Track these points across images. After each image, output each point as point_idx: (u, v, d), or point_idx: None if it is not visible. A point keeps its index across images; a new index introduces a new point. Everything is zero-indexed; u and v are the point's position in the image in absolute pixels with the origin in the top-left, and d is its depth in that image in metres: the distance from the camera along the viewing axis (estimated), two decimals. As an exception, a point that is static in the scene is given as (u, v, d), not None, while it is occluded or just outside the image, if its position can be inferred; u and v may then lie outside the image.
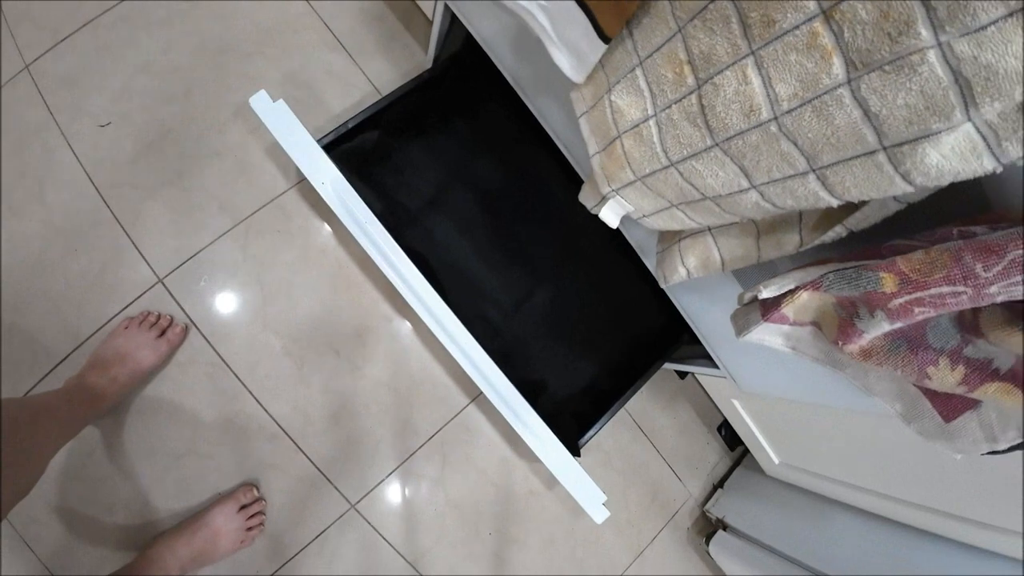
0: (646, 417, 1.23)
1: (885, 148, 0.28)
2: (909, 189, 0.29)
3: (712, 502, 1.24)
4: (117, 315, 0.93)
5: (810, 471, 0.97)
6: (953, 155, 0.26)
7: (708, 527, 1.22)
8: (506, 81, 0.79)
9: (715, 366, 0.89)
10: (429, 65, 1.02)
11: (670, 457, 1.24)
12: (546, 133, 0.80)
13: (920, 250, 0.30)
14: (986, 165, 0.25)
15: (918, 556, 0.81)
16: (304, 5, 1.10)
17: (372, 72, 1.11)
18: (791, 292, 0.37)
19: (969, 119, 0.24)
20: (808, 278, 0.36)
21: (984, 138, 0.25)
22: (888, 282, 0.31)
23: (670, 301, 0.84)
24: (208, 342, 0.96)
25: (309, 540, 0.99)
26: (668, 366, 1.08)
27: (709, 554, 1.18)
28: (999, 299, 0.27)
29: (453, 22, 0.90)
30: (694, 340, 0.92)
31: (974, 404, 0.40)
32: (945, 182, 0.27)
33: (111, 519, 0.92)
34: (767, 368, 0.73)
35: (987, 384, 0.34)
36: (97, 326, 0.93)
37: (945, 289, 0.29)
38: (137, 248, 0.95)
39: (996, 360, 0.34)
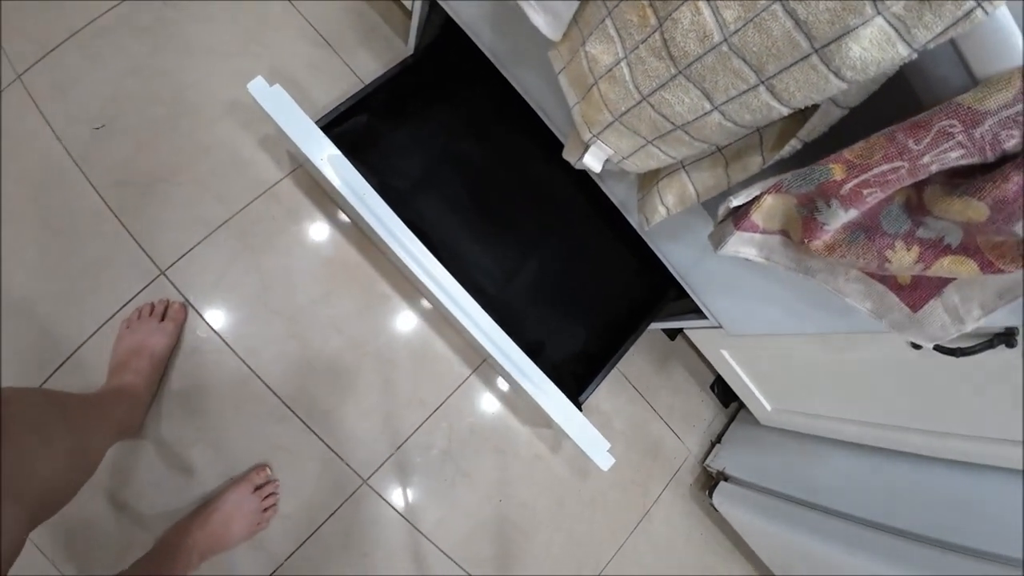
0: (641, 379, 1.28)
1: (817, 51, 0.33)
2: (843, 85, 0.33)
3: (711, 457, 1.29)
4: (124, 307, 0.96)
5: (801, 412, 1.02)
6: (872, 46, 0.30)
7: (709, 481, 1.27)
8: (484, 63, 0.84)
9: (703, 317, 0.94)
10: (411, 52, 1.06)
11: (667, 416, 1.29)
12: (525, 110, 0.85)
13: (861, 140, 0.35)
14: (901, 52, 0.30)
15: (908, 477, 0.86)
16: (285, 4, 1.13)
17: (355, 65, 1.15)
18: (757, 198, 0.42)
19: (879, 12, 0.29)
20: (770, 184, 0.41)
21: (895, 28, 0.30)
22: (837, 171, 0.36)
23: (654, 264, 0.89)
24: (213, 329, 0.99)
25: (324, 519, 1.02)
26: (657, 326, 1.12)
27: (713, 506, 1.23)
28: (933, 168, 0.32)
29: (432, 10, 0.94)
30: (680, 296, 0.97)
31: (937, 292, 0.44)
32: (871, 73, 0.32)
33: (125, 511, 0.94)
34: (750, 306, 0.78)
35: (941, 259, 0.38)
36: (104, 319, 0.96)
37: (885, 167, 0.33)
38: (138, 243, 0.98)
39: (947, 237, 0.38)
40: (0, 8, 1.01)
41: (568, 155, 0.66)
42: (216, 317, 1.00)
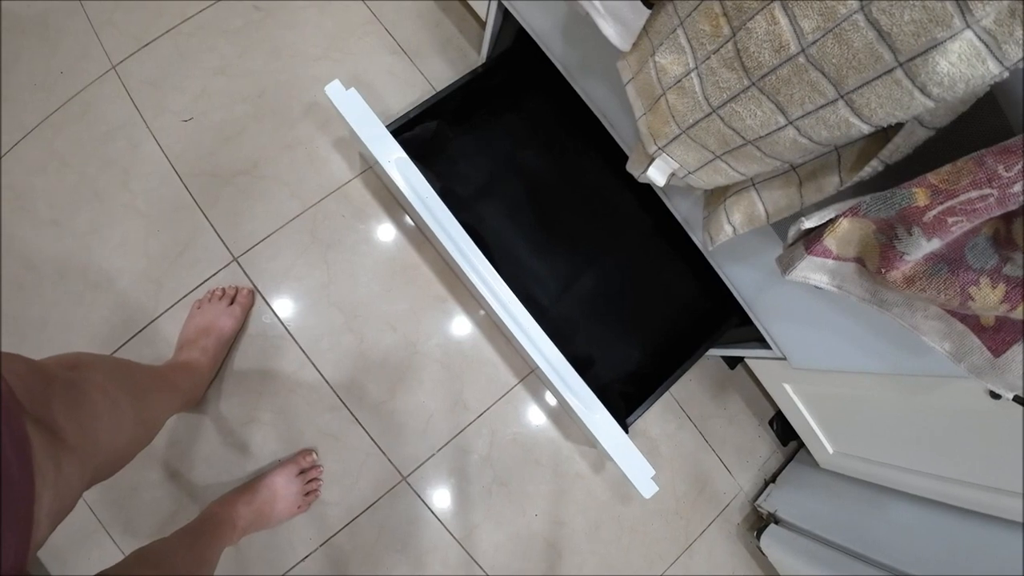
0: (694, 407, 1.23)
1: (901, 64, 0.31)
2: (928, 103, 0.31)
3: (763, 497, 1.22)
4: (196, 288, 1.03)
5: (865, 458, 0.95)
6: (960, 62, 0.28)
7: (759, 522, 1.20)
8: (552, 76, 0.84)
9: (766, 347, 0.90)
10: (482, 61, 1.08)
11: (719, 449, 1.23)
12: (590, 123, 0.84)
13: (948, 164, 0.32)
14: (991, 68, 0.28)
15: (974, 539, 0.78)
16: (367, 13, 1.18)
17: (429, 73, 1.19)
18: (832, 221, 0.39)
19: (968, 26, 0.27)
20: (847, 206, 0.38)
21: (985, 44, 0.28)
22: (920, 196, 0.33)
23: (717, 286, 0.86)
24: (277, 316, 1.04)
25: (361, 510, 1.04)
26: (717, 351, 1.08)
27: (760, 549, 1.16)
28: (1024, 198, 0.29)
29: (505, 22, 0.96)
30: (743, 323, 0.93)
31: (1021, 336, 0.40)
32: (959, 90, 0.29)
33: (176, 480, 0.99)
34: (818, 338, 0.74)
35: None
36: (177, 298, 1.02)
37: (973, 194, 0.31)
38: (215, 229, 1.04)
39: None
40: (96, 2, 1.11)
41: (632, 168, 0.65)
42: (281, 305, 1.05)
